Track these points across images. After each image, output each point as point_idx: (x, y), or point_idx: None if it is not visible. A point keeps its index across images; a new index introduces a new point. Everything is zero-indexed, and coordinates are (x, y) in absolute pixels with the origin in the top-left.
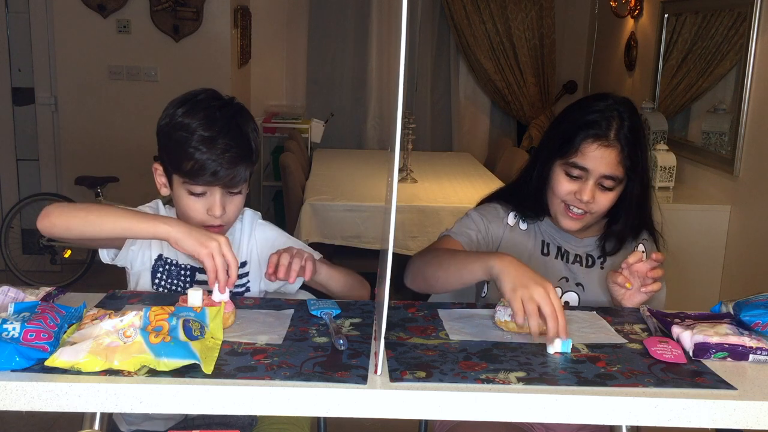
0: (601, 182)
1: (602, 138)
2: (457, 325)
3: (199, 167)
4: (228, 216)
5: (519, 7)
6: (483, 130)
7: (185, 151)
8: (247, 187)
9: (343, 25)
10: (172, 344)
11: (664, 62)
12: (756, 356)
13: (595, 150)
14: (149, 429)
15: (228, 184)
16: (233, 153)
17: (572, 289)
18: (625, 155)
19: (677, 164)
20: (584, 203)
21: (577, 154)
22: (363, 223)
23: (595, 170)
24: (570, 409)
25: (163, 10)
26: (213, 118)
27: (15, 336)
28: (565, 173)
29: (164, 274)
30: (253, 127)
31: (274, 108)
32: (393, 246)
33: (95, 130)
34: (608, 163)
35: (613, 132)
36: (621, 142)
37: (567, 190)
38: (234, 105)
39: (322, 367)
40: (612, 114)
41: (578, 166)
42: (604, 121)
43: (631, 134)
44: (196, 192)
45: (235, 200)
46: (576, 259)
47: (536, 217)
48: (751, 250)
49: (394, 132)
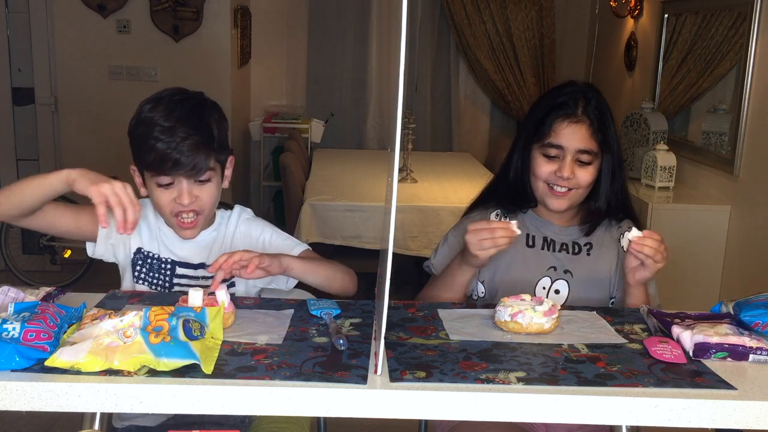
0: (578, 158)
1: (571, 115)
2: (457, 325)
3: (161, 157)
4: (202, 203)
5: (519, 7)
6: (483, 130)
7: (147, 144)
8: (219, 176)
9: (343, 25)
10: (172, 344)
11: (664, 62)
12: (756, 356)
13: (566, 127)
14: (141, 424)
15: (191, 173)
16: (193, 140)
17: (561, 276)
18: (595, 128)
19: (677, 164)
20: (566, 180)
21: (550, 134)
22: (363, 223)
23: (570, 146)
24: (570, 409)
25: (163, 10)
26: (172, 109)
27: (15, 336)
28: (542, 155)
29: (144, 267)
30: (218, 117)
31: (274, 108)
32: (393, 246)
33: (95, 130)
34: (581, 137)
35: (581, 109)
36: (590, 116)
37: (547, 170)
38: (196, 97)
39: (322, 367)
40: (578, 95)
41: (554, 145)
42: (572, 101)
43: (598, 110)
44: (163, 183)
45: (207, 189)
46: (562, 248)
47: (519, 209)
48: (751, 250)
49: (394, 132)
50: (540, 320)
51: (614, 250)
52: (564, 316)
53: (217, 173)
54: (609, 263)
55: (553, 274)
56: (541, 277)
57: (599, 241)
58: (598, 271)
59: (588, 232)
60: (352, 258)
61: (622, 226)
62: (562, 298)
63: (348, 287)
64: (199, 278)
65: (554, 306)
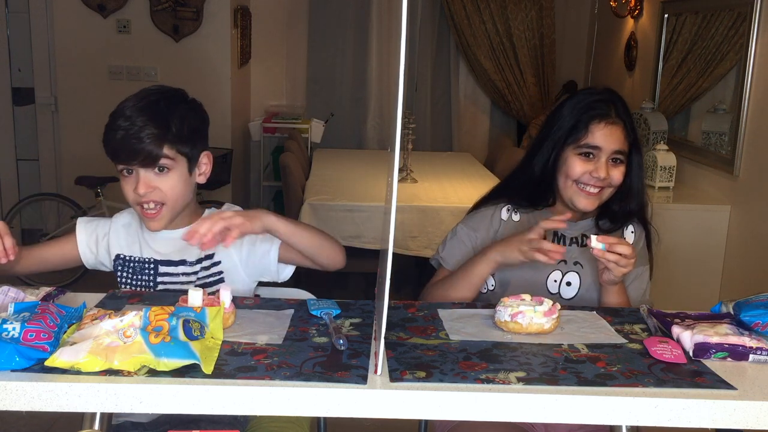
0: (612, 158)
1: (607, 117)
2: (457, 325)
3: (118, 146)
4: (162, 194)
5: (519, 7)
6: (483, 130)
7: (110, 133)
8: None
9: (343, 25)
10: (172, 344)
11: (664, 62)
12: (756, 356)
13: (603, 128)
14: (134, 420)
15: (145, 162)
16: (148, 131)
17: (571, 269)
18: (628, 130)
19: (677, 164)
20: (601, 180)
21: (587, 135)
22: (363, 223)
23: (607, 147)
24: (570, 409)
25: (163, 10)
26: (138, 102)
27: (15, 336)
28: (577, 156)
29: (125, 271)
30: (186, 111)
31: (274, 108)
32: (393, 246)
33: (95, 130)
34: (617, 138)
35: (614, 111)
36: (622, 118)
37: (582, 170)
38: (169, 92)
39: (322, 367)
40: (608, 98)
41: (591, 146)
42: (604, 104)
43: (627, 114)
44: (125, 172)
45: (167, 179)
46: (572, 241)
47: (533, 207)
48: (751, 250)
49: (394, 132)
50: (540, 320)
51: None
52: (564, 316)
53: (180, 165)
54: None
55: (564, 267)
56: (552, 271)
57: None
58: None
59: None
60: (352, 258)
61: (628, 223)
62: (574, 290)
63: (336, 259)
64: (179, 275)
65: (554, 306)
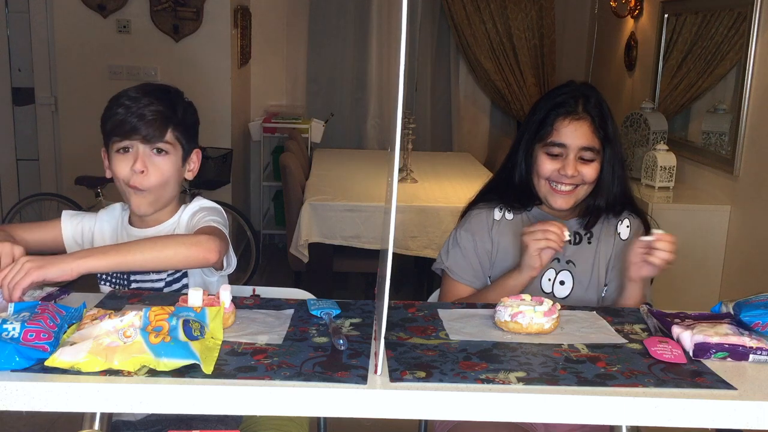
0: (581, 155)
1: (572, 113)
2: (457, 325)
3: (121, 120)
4: (150, 178)
5: (519, 7)
6: (483, 130)
7: (111, 111)
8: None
9: (343, 25)
10: (172, 344)
11: (664, 62)
12: (756, 356)
13: (568, 125)
14: (125, 419)
15: (148, 138)
16: (154, 108)
17: (564, 267)
18: (596, 126)
19: (677, 164)
20: (569, 178)
21: (552, 133)
22: (363, 223)
23: (573, 144)
24: (570, 409)
25: (163, 10)
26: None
27: (15, 336)
28: (545, 154)
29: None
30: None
31: (274, 108)
32: (393, 246)
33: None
34: (583, 134)
35: (581, 106)
36: (590, 113)
37: (550, 168)
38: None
39: (322, 367)
40: (576, 93)
41: (556, 144)
42: (571, 99)
43: (598, 107)
44: (122, 146)
45: (163, 161)
46: None
47: (523, 208)
48: (751, 250)
49: (394, 132)
50: (540, 320)
51: (611, 240)
52: (564, 316)
53: (176, 151)
54: (606, 253)
55: (557, 266)
56: (545, 270)
57: (598, 231)
58: (597, 260)
59: (587, 226)
60: (352, 258)
61: (622, 218)
62: (567, 288)
63: (197, 257)
64: (149, 272)
65: (554, 306)
